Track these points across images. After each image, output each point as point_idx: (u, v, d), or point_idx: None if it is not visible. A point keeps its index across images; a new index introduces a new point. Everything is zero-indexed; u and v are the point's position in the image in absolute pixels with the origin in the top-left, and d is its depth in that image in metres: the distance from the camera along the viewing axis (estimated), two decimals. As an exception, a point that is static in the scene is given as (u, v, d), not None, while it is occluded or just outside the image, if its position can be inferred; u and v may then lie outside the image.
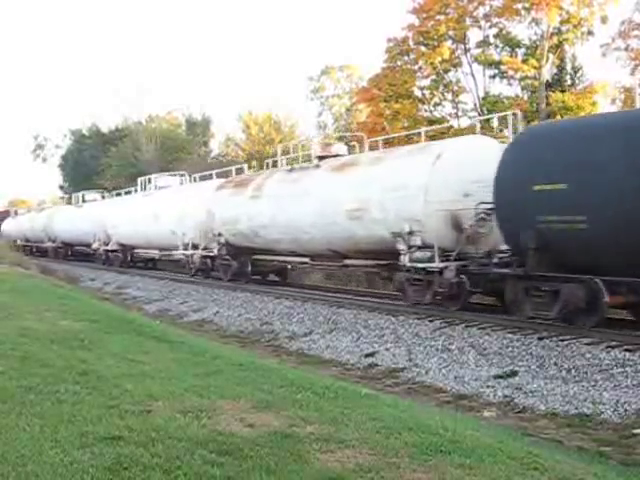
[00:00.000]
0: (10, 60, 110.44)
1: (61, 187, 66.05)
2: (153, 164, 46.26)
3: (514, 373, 10.15)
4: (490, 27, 30.40)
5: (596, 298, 10.87)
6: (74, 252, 39.45)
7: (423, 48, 30.53)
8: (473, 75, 31.10)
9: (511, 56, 30.48)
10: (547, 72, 29.47)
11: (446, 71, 31.26)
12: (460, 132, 26.02)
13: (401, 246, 14.49)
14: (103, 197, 39.08)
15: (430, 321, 13.44)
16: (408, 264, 14.36)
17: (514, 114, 15.05)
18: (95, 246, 34.13)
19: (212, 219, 22.39)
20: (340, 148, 19.86)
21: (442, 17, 29.80)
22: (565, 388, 9.26)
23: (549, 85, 29.83)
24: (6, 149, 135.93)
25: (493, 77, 31.24)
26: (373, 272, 17.70)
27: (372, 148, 18.68)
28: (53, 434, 5.17)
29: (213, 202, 22.67)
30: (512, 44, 30.42)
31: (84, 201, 39.13)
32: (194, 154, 48.33)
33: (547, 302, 11.63)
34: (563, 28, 29.08)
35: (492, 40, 30.70)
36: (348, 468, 4.70)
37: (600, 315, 11.12)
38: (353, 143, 21.77)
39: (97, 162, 53.27)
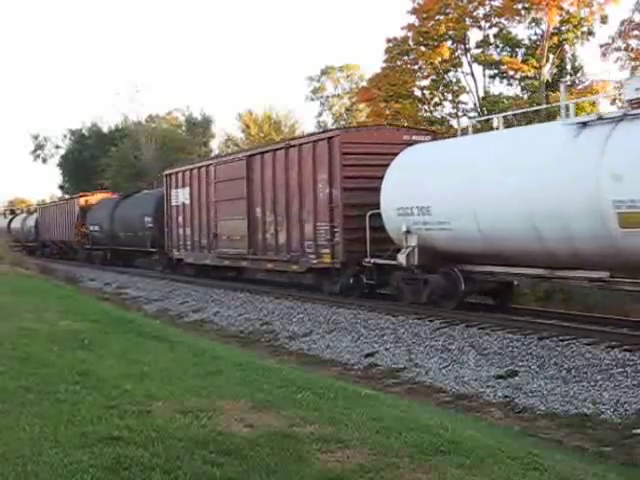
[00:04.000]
0: (10, 60, 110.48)
1: (61, 187, 66.13)
2: (153, 164, 46.27)
3: (514, 373, 10.15)
4: (490, 27, 30.40)
5: None
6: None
7: (423, 48, 30.50)
8: (473, 75, 31.11)
9: (511, 56, 30.47)
10: (547, 72, 29.46)
11: (446, 71, 31.25)
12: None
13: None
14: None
15: (430, 321, 13.44)
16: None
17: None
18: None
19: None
20: None
21: (442, 17, 29.77)
22: (565, 388, 9.26)
23: (549, 85, 29.82)
24: (6, 149, 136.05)
25: (493, 77, 31.24)
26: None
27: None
28: (53, 434, 5.18)
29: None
30: (512, 44, 30.41)
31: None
32: (194, 154, 48.30)
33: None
34: (563, 28, 29.07)
35: (492, 40, 30.69)
36: (348, 468, 4.70)
37: None
38: None
39: (97, 162, 53.22)
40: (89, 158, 55.80)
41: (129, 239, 30.50)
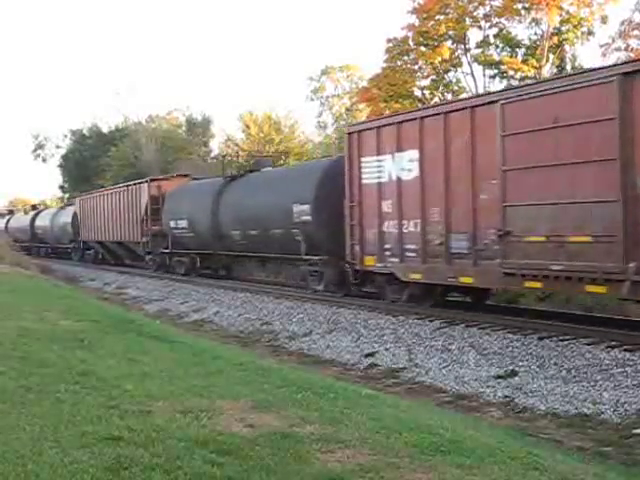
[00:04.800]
0: (10, 60, 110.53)
1: (61, 187, 66.12)
2: (153, 164, 46.29)
3: (514, 373, 10.15)
4: (490, 27, 30.39)
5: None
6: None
7: (423, 48, 30.49)
8: (473, 75, 31.11)
9: (511, 56, 30.46)
10: (547, 72, 29.45)
11: (446, 71, 31.26)
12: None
13: None
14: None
15: (430, 321, 13.45)
16: None
17: None
18: None
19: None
20: None
21: (442, 17, 29.78)
22: (565, 388, 9.26)
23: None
24: (6, 149, 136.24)
25: (493, 77, 31.22)
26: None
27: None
28: (53, 434, 5.17)
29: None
30: (512, 44, 30.41)
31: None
32: (194, 154, 48.32)
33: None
34: (563, 28, 29.07)
35: (492, 40, 30.69)
36: (348, 468, 4.70)
37: None
38: None
39: (97, 162, 53.24)
40: (89, 158, 55.82)
41: (255, 240, 20.03)
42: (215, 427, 5.51)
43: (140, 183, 28.67)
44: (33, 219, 44.83)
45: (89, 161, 55.67)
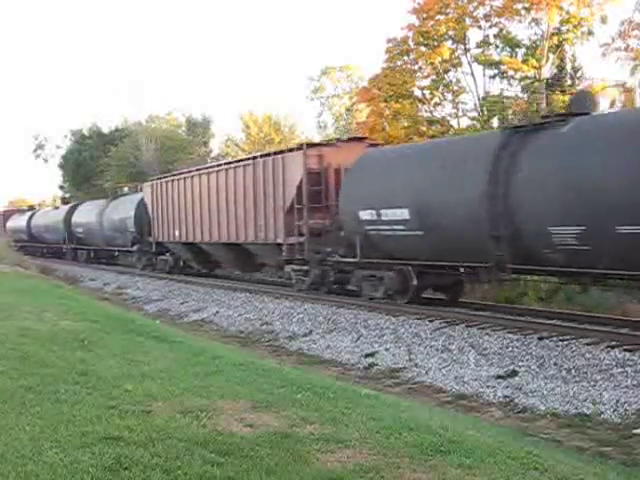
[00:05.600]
0: (10, 60, 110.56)
1: (61, 187, 66.14)
2: (153, 164, 46.30)
3: (514, 373, 10.15)
4: (490, 27, 30.37)
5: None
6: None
7: (423, 48, 30.49)
8: (473, 75, 31.08)
9: (511, 56, 30.46)
10: (547, 72, 29.47)
11: (446, 71, 31.23)
12: (460, 132, 26.08)
13: None
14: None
15: (430, 321, 13.44)
16: None
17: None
18: None
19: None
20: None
21: (442, 17, 29.79)
22: (565, 388, 9.27)
23: (549, 85, 29.84)
24: (6, 149, 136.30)
25: (493, 77, 31.20)
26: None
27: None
28: (53, 434, 5.17)
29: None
30: (512, 44, 30.41)
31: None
32: (194, 154, 48.33)
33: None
34: (563, 28, 29.07)
35: (492, 40, 30.68)
36: (348, 468, 4.70)
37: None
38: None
39: (97, 162, 53.24)
40: (89, 158, 55.82)
41: (632, 246, 10.07)
42: (215, 427, 5.51)
43: (284, 152, 18.71)
44: (69, 214, 35.92)
45: (89, 161, 55.66)
